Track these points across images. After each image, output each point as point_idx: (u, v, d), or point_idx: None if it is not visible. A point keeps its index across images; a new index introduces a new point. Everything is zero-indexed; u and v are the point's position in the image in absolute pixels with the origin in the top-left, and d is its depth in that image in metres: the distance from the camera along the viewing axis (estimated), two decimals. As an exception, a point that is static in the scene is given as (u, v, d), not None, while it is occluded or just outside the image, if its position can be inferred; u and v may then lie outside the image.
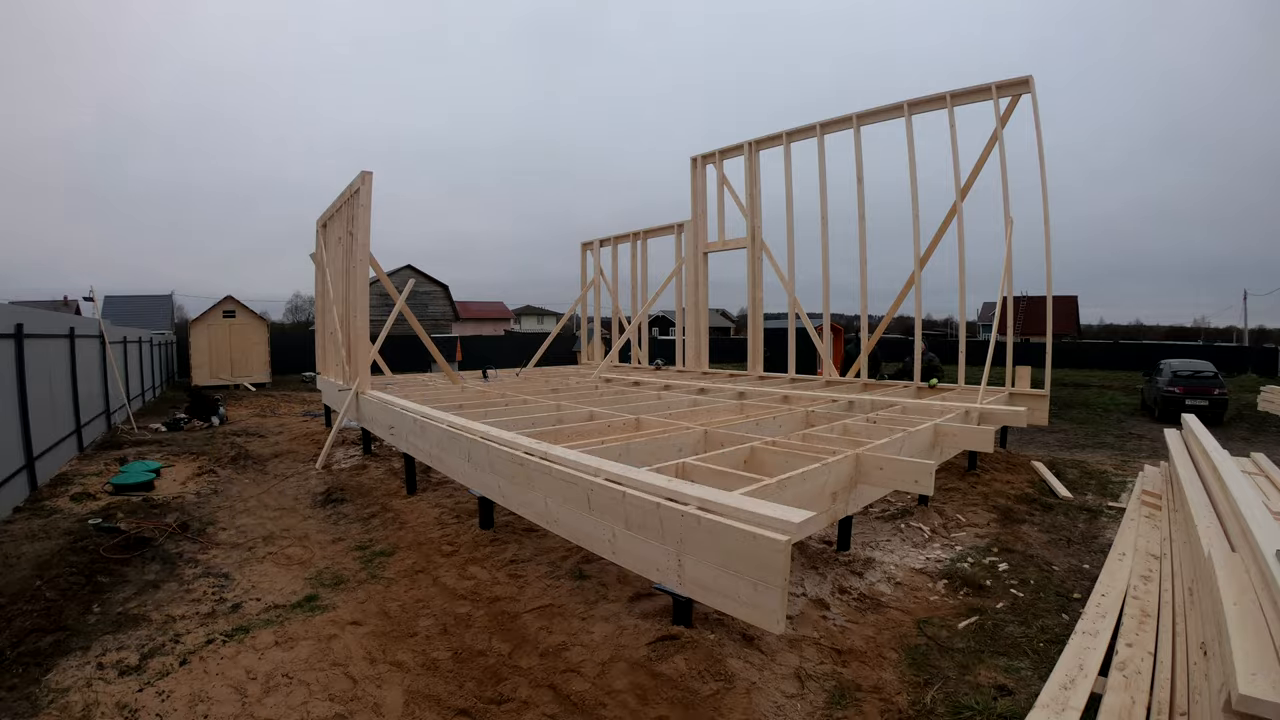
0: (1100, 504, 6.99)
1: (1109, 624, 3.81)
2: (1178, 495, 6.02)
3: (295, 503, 6.99)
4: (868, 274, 10.10)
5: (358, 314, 9.16)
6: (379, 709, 3.20)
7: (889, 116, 9.73)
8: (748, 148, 11.44)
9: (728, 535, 3.05)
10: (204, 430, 12.02)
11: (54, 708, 3.17)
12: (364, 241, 8.80)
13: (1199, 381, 14.36)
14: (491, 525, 5.77)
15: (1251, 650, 2.43)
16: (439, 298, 43.40)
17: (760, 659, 3.58)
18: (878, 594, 4.51)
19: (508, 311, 59.64)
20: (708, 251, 12.61)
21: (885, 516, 6.25)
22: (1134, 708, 2.99)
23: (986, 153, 8.98)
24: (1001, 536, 5.77)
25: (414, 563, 5.06)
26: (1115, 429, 13.30)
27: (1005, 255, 8.87)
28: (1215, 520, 4.47)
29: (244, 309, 21.75)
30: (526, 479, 4.53)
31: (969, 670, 3.54)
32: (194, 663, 3.60)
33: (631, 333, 13.75)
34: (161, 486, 7.61)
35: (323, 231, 12.16)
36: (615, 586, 4.48)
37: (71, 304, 37.14)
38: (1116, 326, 72.50)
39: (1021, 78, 8.49)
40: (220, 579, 4.83)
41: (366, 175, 8.59)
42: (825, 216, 10.29)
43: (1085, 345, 38.36)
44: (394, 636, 3.90)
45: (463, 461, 5.55)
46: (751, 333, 12.07)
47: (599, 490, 3.80)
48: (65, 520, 6.04)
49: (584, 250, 16.04)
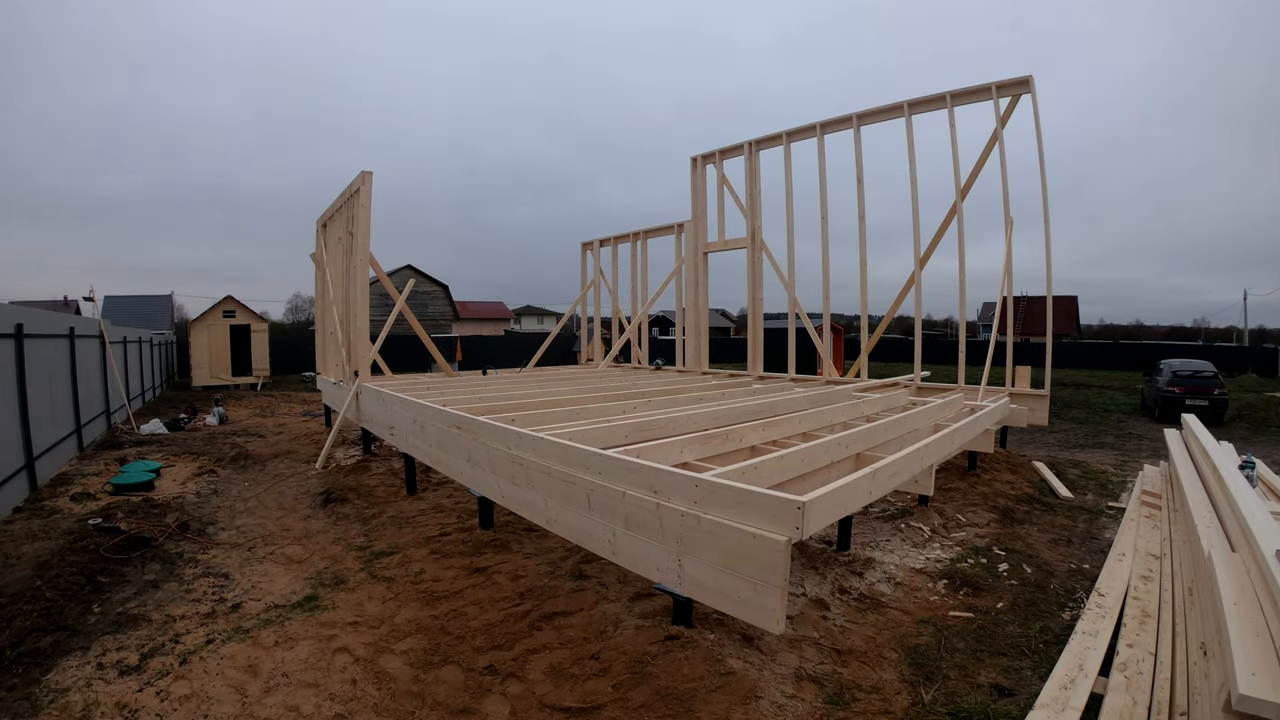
0: (1100, 504, 6.99)
1: (1109, 624, 3.81)
2: (1178, 495, 6.03)
3: (295, 503, 6.99)
4: (868, 274, 10.10)
5: (358, 314, 9.16)
6: (379, 709, 3.20)
7: (889, 116, 9.72)
8: (748, 147, 11.43)
9: (728, 535, 3.05)
10: (204, 430, 12.02)
11: (54, 708, 3.17)
12: (364, 241, 8.80)
13: (1199, 381, 14.36)
14: (491, 525, 5.77)
15: (1251, 650, 2.44)
16: (439, 298, 43.45)
17: (760, 659, 3.58)
18: (877, 594, 4.51)
19: (508, 311, 59.65)
20: (708, 251, 12.61)
21: (885, 516, 6.25)
22: (1135, 708, 2.99)
23: (986, 153, 8.98)
24: (1001, 536, 5.77)
25: (414, 563, 5.06)
26: (1115, 429, 13.30)
27: (1005, 255, 8.87)
28: (1215, 520, 4.47)
29: (244, 309, 21.74)
30: (526, 479, 4.54)
31: (969, 670, 3.54)
32: (194, 663, 3.60)
33: (631, 332, 13.74)
34: (161, 486, 7.61)
35: (322, 231, 12.16)
36: (615, 586, 4.48)
37: (71, 304, 37.17)
38: (1116, 326, 72.57)
39: (1021, 78, 8.48)
40: (220, 579, 4.83)
41: (366, 175, 8.59)
42: (825, 216, 10.28)
43: (1085, 345, 38.35)
44: (394, 636, 3.90)
45: (462, 461, 5.55)
46: (751, 333, 12.06)
47: (599, 490, 3.80)
48: (65, 520, 6.04)
49: (584, 250, 16.03)
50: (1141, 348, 33.59)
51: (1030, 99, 8.41)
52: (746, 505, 3.05)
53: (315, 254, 13.10)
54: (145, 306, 32.65)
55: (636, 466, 3.60)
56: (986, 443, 7.47)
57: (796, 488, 4.19)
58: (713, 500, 3.18)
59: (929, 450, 4.98)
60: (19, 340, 6.93)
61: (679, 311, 13.44)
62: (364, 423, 8.79)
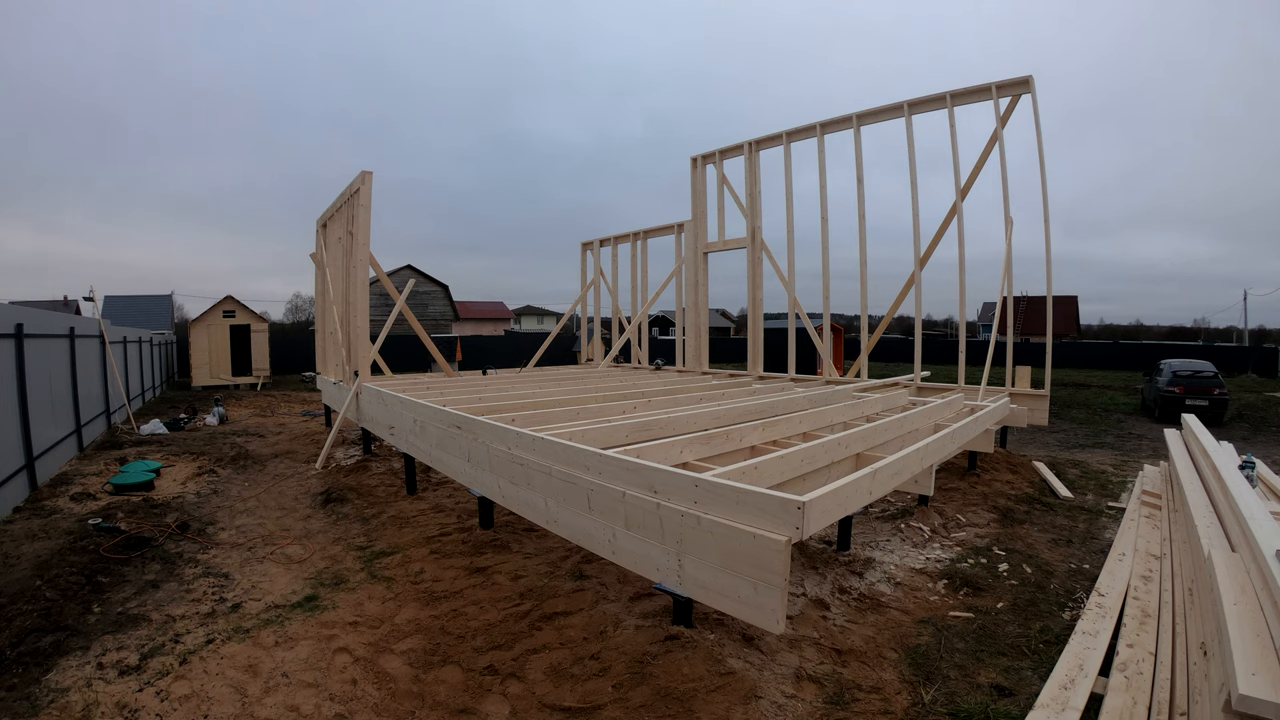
0: (1100, 504, 6.99)
1: (1109, 624, 3.81)
2: (1178, 495, 6.03)
3: (295, 503, 6.99)
4: (867, 275, 10.10)
5: (358, 314, 9.16)
6: (379, 709, 3.20)
7: (889, 116, 9.72)
8: (748, 148, 11.43)
9: (728, 535, 3.05)
10: (204, 430, 12.02)
11: (54, 708, 3.17)
12: (364, 241, 8.80)
13: (1199, 381, 14.37)
14: (491, 525, 5.77)
15: (1251, 650, 2.44)
16: (439, 298, 43.47)
17: (760, 659, 3.58)
18: (877, 594, 4.51)
19: (508, 311, 59.66)
20: (708, 251, 12.61)
21: (885, 516, 6.25)
22: (1135, 708, 2.99)
23: (986, 153, 8.98)
24: (1001, 537, 5.77)
25: (414, 563, 5.06)
26: (1115, 429, 13.31)
27: (1005, 255, 8.87)
28: (1215, 520, 4.47)
29: (244, 309, 21.74)
30: (526, 479, 4.54)
31: (969, 670, 3.54)
32: (194, 663, 3.60)
33: (631, 332, 13.75)
34: (161, 486, 7.61)
35: (322, 231, 12.16)
36: (615, 586, 4.48)
37: (71, 304, 37.20)
38: (1116, 326, 72.64)
39: (1022, 78, 8.48)
40: (220, 579, 4.83)
41: (366, 175, 8.59)
42: (825, 216, 10.28)
43: (1085, 345, 38.36)
44: (394, 636, 3.90)
45: (462, 461, 5.55)
46: (751, 333, 12.06)
47: (599, 490, 3.80)
48: (65, 520, 6.04)
49: (584, 250, 16.02)
50: (1141, 348, 33.61)
51: (1030, 99, 8.41)
52: (746, 505, 3.05)
53: (315, 254, 13.11)
54: (145, 306, 32.66)
55: (636, 466, 3.60)
56: (986, 443, 7.47)
57: (796, 488, 4.19)
58: (713, 500, 3.19)
59: (929, 450, 4.98)
60: (19, 340, 6.93)
61: (679, 311, 13.44)
62: (364, 423, 8.79)
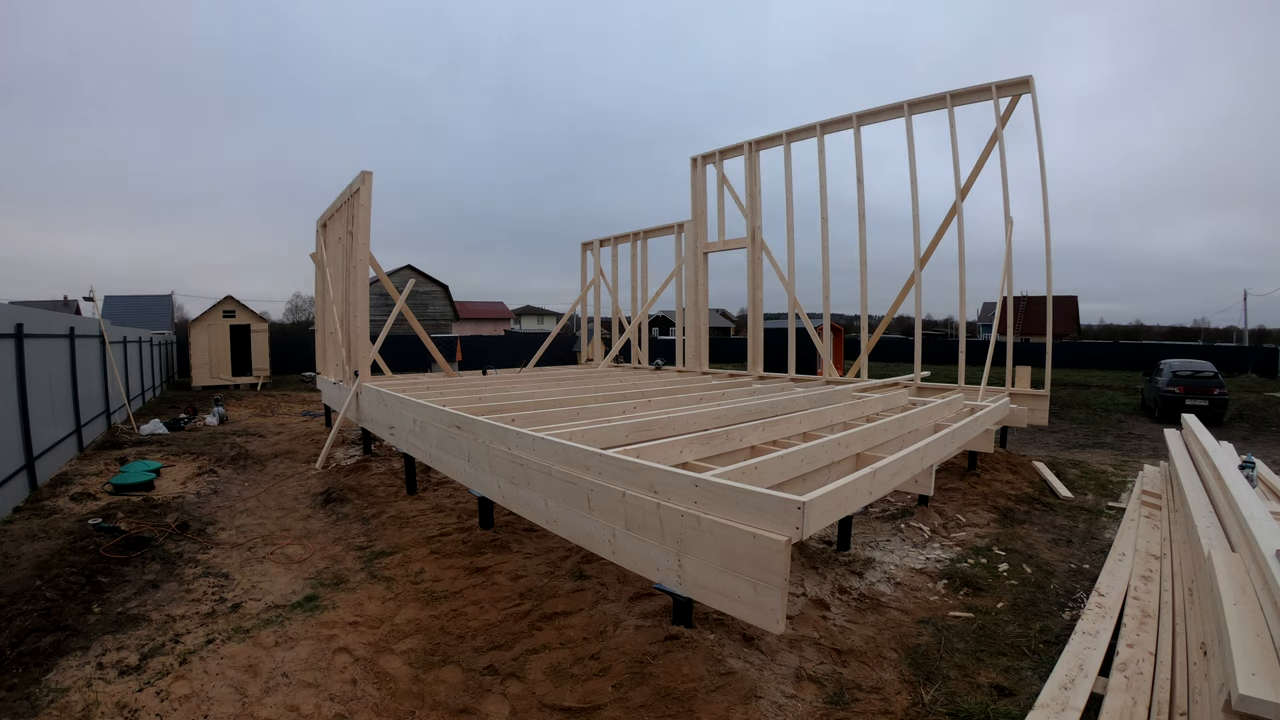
0: (1100, 504, 6.99)
1: (1109, 624, 3.81)
2: (1178, 495, 6.03)
3: (295, 503, 6.99)
4: (867, 274, 10.10)
5: (358, 314, 9.16)
6: (379, 709, 3.20)
7: (889, 116, 9.72)
8: (747, 147, 11.43)
9: (728, 535, 3.05)
10: (204, 430, 12.02)
11: (54, 708, 3.17)
12: (364, 241, 8.80)
13: (1199, 381, 14.38)
14: (491, 525, 5.77)
15: (1251, 650, 2.44)
16: (439, 298, 43.46)
17: (760, 659, 3.58)
18: (878, 594, 4.51)
19: (508, 311, 59.66)
20: (708, 251, 12.61)
21: (885, 516, 6.25)
22: (1135, 708, 2.99)
23: (986, 152, 8.98)
24: (1001, 537, 5.77)
25: (414, 563, 5.06)
26: (1115, 429, 13.31)
27: (1005, 255, 8.87)
28: (1215, 520, 4.47)
29: (244, 309, 21.74)
30: (526, 479, 4.53)
31: (969, 670, 3.54)
32: (194, 663, 3.60)
33: (631, 333, 13.75)
34: (161, 486, 7.61)
35: (322, 231, 12.15)
36: (615, 586, 4.48)
37: (71, 304, 37.20)
38: (1116, 326, 72.67)
39: (1022, 78, 8.48)
40: (220, 579, 4.83)
41: (366, 175, 8.59)
42: (825, 216, 10.28)
43: (1085, 345, 38.37)
44: (394, 636, 3.90)
45: (462, 461, 5.55)
46: (751, 333, 12.06)
47: (599, 490, 3.80)
48: (65, 520, 6.04)
49: (584, 250, 16.02)
50: (1141, 348, 33.62)
51: (1030, 99, 8.41)
52: (746, 505, 3.05)
53: (315, 254, 13.11)
54: (145, 306, 32.66)
55: (636, 466, 3.60)
56: (986, 443, 7.47)
57: (796, 488, 4.19)
58: (713, 500, 3.19)
59: (929, 450, 4.98)
60: (19, 340, 6.93)
61: (679, 311, 13.44)
62: (364, 423, 8.79)
